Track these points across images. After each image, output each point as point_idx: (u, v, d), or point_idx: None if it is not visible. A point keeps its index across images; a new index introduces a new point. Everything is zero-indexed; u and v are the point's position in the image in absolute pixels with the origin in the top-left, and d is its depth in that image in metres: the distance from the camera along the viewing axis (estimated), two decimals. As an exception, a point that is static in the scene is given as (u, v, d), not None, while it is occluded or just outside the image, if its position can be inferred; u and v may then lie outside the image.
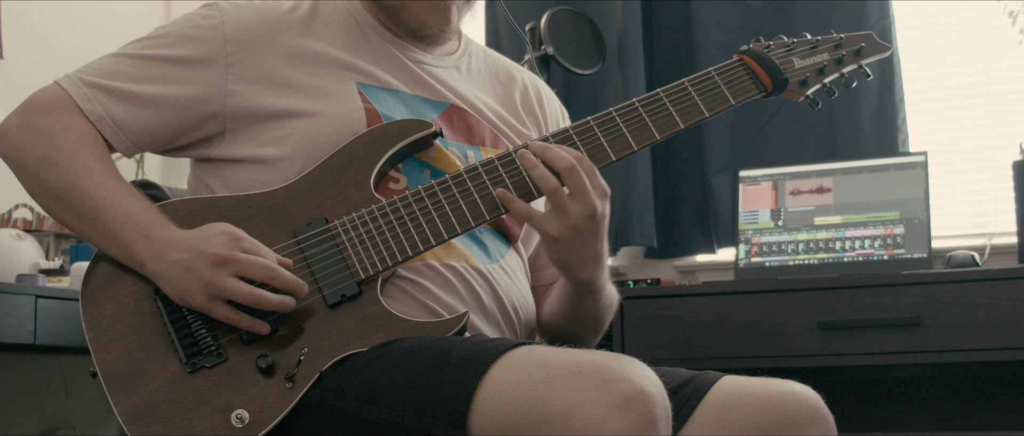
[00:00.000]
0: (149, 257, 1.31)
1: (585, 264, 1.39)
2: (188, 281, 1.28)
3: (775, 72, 1.47)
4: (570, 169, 1.33)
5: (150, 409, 1.26)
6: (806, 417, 1.34)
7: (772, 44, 1.51)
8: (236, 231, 1.30)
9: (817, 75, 1.50)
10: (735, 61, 1.48)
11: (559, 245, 1.36)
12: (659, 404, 1.11)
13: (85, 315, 1.32)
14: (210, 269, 1.27)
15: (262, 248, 1.31)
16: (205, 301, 1.28)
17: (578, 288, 1.44)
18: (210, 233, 1.30)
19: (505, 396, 1.13)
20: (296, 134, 1.41)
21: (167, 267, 1.29)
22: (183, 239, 1.30)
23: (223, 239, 1.29)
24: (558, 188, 1.33)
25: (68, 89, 1.41)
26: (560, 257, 1.38)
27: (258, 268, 1.28)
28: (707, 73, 1.46)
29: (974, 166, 2.84)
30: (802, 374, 1.50)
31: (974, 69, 2.86)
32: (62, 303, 2.27)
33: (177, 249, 1.29)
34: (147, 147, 1.46)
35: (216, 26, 1.44)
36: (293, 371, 1.28)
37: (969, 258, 2.36)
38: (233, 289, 1.27)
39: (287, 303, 1.29)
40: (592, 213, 1.33)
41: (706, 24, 2.92)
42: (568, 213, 1.33)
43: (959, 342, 2.14)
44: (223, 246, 1.28)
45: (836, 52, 1.52)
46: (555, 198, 1.34)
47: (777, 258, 2.55)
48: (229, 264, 1.27)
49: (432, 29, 1.50)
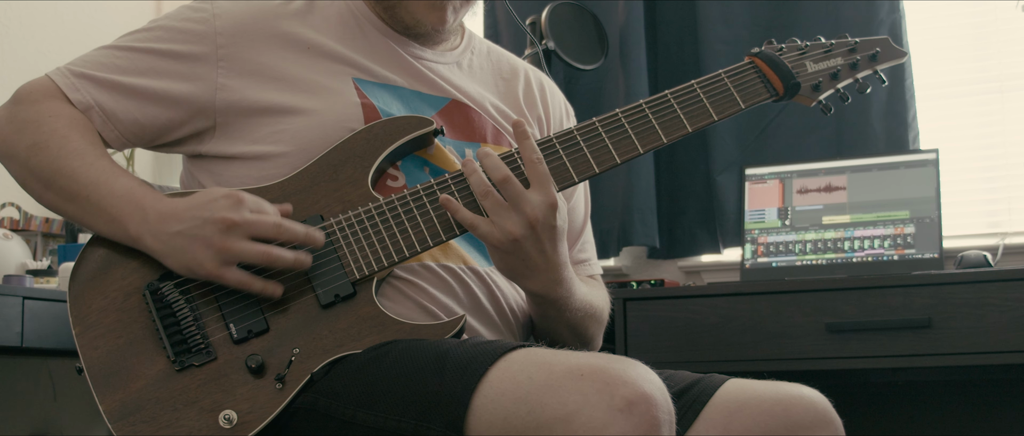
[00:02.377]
0: (146, 231, 1.31)
1: (532, 276, 1.36)
2: (196, 250, 1.28)
3: (787, 76, 1.46)
4: (504, 180, 1.31)
5: (136, 407, 1.26)
6: (814, 421, 1.33)
7: (784, 47, 1.50)
8: (236, 192, 1.30)
9: (830, 80, 1.49)
10: (746, 63, 1.47)
11: (500, 254, 1.34)
12: (662, 408, 1.11)
13: (72, 309, 1.33)
14: (220, 235, 1.27)
15: (264, 204, 1.31)
16: (216, 268, 1.28)
17: (534, 300, 1.43)
18: (209, 198, 1.30)
19: (504, 400, 1.13)
20: (290, 130, 1.41)
21: (169, 238, 1.29)
22: (181, 208, 1.30)
23: (227, 202, 1.29)
24: (490, 192, 1.32)
25: (56, 80, 1.42)
26: (504, 266, 1.36)
27: (268, 226, 1.29)
28: (717, 75, 1.45)
29: (987, 164, 2.84)
30: (810, 377, 1.50)
31: (987, 64, 2.85)
32: (50, 304, 2.27)
33: (177, 219, 1.29)
34: (136, 140, 1.46)
35: (207, 19, 1.44)
36: (284, 372, 1.28)
37: (981, 258, 2.36)
38: (248, 251, 1.27)
39: (302, 260, 1.30)
40: (531, 224, 1.31)
41: (711, 19, 2.91)
42: (504, 223, 1.31)
43: (971, 345, 2.13)
44: (230, 209, 1.28)
45: (851, 57, 1.51)
46: (487, 202, 1.32)
47: (784, 258, 2.55)
48: (239, 226, 1.27)
49: (426, 27, 1.50)
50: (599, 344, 1.56)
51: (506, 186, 1.32)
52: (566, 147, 1.39)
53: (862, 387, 2.70)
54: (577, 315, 1.46)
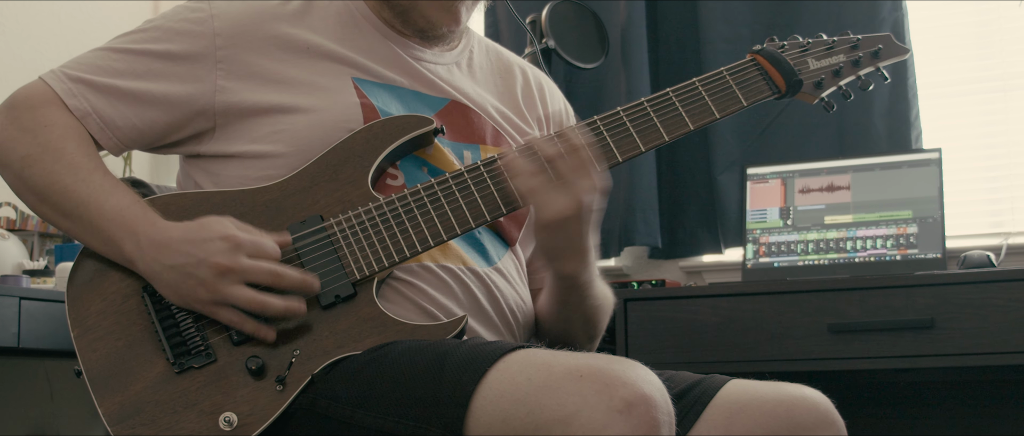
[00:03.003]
0: (139, 257, 1.31)
1: (570, 256, 1.40)
2: (190, 287, 1.28)
3: (789, 73, 1.47)
4: (556, 158, 1.34)
5: (136, 410, 1.26)
6: (816, 422, 1.33)
7: (786, 44, 1.50)
8: (234, 236, 1.29)
9: (833, 77, 1.50)
10: (747, 61, 1.48)
11: (546, 232, 1.37)
12: (662, 409, 1.11)
13: (70, 312, 1.32)
14: (214, 278, 1.27)
15: (263, 246, 1.30)
16: (208, 306, 1.28)
17: (562, 282, 1.45)
18: (205, 236, 1.29)
19: (503, 401, 1.13)
20: (289, 130, 1.41)
21: (163, 271, 1.29)
22: (175, 240, 1.29)
23: (223, 246, 1.28)
24: (543, 170, 1.34)
25: (53, 85, 1.40)
26: (547, 244, 1.39)
27: (264, 274, 1.28)
28: (718, 73, 1.46)
29: (990, 163, 2.84)
30: (812, 378, 1.50)
31: (990, 63, 2.85)
32: (47, 305, 2.27)
33: (171, 252, 1.29)
34: (135, 145, 1.45)
35: (205, 20, 1.43)
36: (284, 373, 1.28)
37: (985, 258, 2.36)
38: (239, 297, 1.27)
39: (294, 309, 1.29)
40: (580, 203, 1.34)
41: (713, 17, 2.91)
42: (556, 201, 1.34)
43: (974, 345, 2.13)
44: (224, 254, 1.27)
45: (853, 54, 1.52)
46: (540, 180, 1.34)
47: (786, 258, 2.55)
48: (234, 273, 1.27)
49: (441, 29, 1.50)
50: (598, 341, 1.58)
51: (558, 164, 1.34)
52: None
53: (865, 388, 2.70)
54: (593, 304, 1.49)
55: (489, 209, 1.37)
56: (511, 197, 1.38)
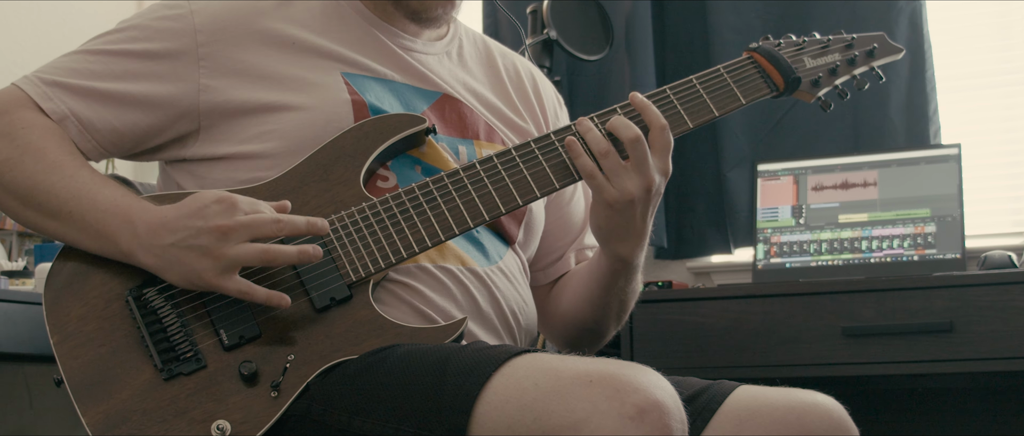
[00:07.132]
0: (137, 246, 1.30)
1: (629, 238, 1.43)
2: (193, 261, 1.27)
3: (787, 71, 1.51)
4: (634, 141, 1.37)
5: (122, 419, 1.25)
6: (829, 430, 1.34)
7: (782, 42, 1.55)
8: (229, 196, 1.29)
9: (829, 76, 1.55)
10: (745, 59, 1.52)
11: (607, 213, 1.39)
12: (675, 416, 1.11)
13: (49, 318, 1.32)
14: (217, 242, 1.26)
15: (260, 203, 1.31)
16: (216, 277, 1.27)
17: (615, 264, 1.48)
18: (200, 204, 1.29)
19: (508, 407, 1.13)
20: (278, 129, 1.41)
21: (163, 251, 1.29)
22: (172, 218, 1.29)
23: (220, 207, 1.28)
24: (610, 151, 1.37)
25: (27, 89, 1.40)
26: (606, 225, 1.42)
27: (266, 224, 1.28)
28: (716, 70, 1.50)
29: (1011, 159, 2.85)
30: (825, 384, 1.51)
31: (1011, 54, 2.86)
32: (26, 308, 2.27)
33: (169, 230, 1.29)
34: (115, 150, 1.45)
35: (184, 16, 1.43)
36: (278, 379, 1.28)
37: (1006, 259, 2.37)
38: (246, 254, 1.27)
39: (306, 251, 1.29)
40: (648, 187, 1.38)
41: (721, 8, 2.92)
42: (624, 183, 1.37)
43: (995, 349, 2.14)
44: (222, 215, 1.27)
45: (848, 53, 1.57)
46: (607, 161, 1.37)
47: (798, 259, 2.56)
48: (235, 231, 1.27)
49: (436, 11, 1.52)
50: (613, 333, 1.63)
51: (635, 146, 1.37)
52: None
53: (880, 394, 2.71)
54: (634, 288, 1.55)
55: (487, 208, 1.38)
56: (510, 196, 1.39)
